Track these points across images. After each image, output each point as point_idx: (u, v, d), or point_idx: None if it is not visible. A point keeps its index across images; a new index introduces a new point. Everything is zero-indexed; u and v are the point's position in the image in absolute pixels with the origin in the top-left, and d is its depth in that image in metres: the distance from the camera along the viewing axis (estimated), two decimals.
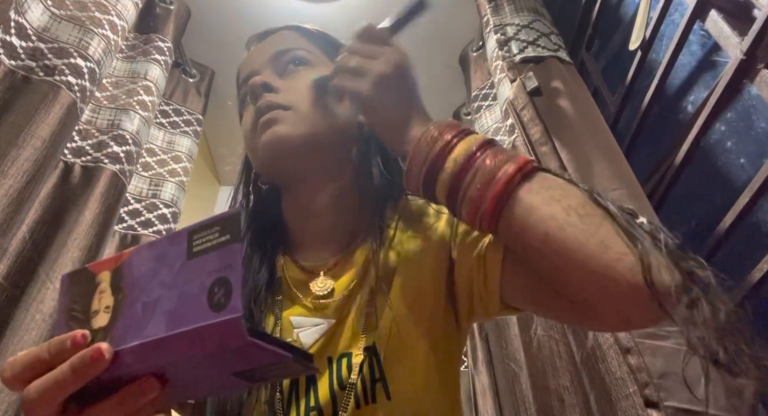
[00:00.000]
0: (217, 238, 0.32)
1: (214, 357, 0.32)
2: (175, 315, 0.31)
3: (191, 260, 0.32)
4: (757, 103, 0.82)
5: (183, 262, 0.33)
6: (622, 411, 0.70)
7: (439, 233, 0.60)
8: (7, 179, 0.85)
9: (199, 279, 0.31)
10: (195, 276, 0.32)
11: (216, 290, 0.30)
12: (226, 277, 0.30)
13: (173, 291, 0.32)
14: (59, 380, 0.32)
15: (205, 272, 0.31)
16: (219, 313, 0.30)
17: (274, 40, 0.70)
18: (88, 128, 1.22)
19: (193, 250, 0.33)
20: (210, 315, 0.30)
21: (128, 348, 0.32)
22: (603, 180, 0.93)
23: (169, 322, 0.31)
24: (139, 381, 0.33)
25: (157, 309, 0.32)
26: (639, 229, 0.42)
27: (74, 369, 0.32)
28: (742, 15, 0.84)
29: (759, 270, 0.76)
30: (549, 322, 1.04)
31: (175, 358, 0.32)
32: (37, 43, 0.99)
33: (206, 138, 2.21)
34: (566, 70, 1.20)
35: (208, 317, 0.30)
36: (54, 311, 0.94)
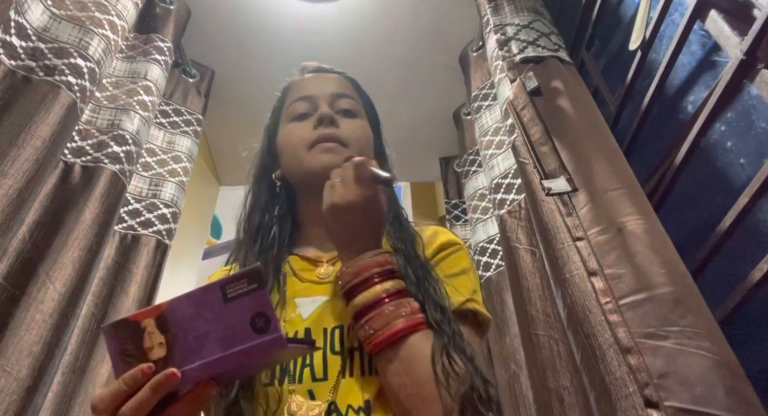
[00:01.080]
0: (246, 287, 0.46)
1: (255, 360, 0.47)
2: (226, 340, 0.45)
3: (227, 304, 0.46)
4: (757, 103, 0.82)
5: (221, 306, 0.46)
6: (622, 411, 0.70)
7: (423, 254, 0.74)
8: (7, 179, 0.85)
9: (239, 316, 0.45)
10: (235, 314, 0.45)
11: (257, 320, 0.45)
12: (263, 311, 0.45)
13: (219, 325, 0.46)
14: (143, 400, 0.44)
15: (244, 310, 0.45)
16: (264, 335, 0.45)
17: (333, 80, 0.86)
18: (88, 128, 1.22)
19: (228, 296, 0.46)
20: (257, 337, 0.45)
21: (193, 367, 0.45)
22: (603, 180, 0.93)
23: (222, 346, 0.45)
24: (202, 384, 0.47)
25: (208, 339, 0.45)
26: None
27: (154, 390, 0.44)
28: (742, 15, 0.84)
29: (759, 270, 0.76)
30: (549, 322, 1.04)
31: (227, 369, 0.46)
32: (37, 43, 0.99)
33: (206, 138, 2.21)
34: (566, 70, 1.20)
35: (256, 338, 0.45)
36: (54, 311, 0.94)
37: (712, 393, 0.65)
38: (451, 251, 0.74)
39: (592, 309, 0.80)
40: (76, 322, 1.05)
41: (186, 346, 0.46)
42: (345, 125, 0.79)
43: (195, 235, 2.13)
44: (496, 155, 1.44)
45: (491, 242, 1.51)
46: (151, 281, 1.30)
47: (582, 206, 0.92)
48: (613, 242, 0.84)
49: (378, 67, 1.91)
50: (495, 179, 1.39)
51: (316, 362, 0.63)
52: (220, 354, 0.45)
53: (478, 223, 1.61)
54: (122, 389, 0.45)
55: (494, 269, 1.44)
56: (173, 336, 0.46)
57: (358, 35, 1.79)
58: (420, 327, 0.59)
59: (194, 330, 0.46)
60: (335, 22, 1.75)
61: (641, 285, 0.77)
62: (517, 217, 1.25)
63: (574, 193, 0.94)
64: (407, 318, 0.59)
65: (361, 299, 0.60)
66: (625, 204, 0.88)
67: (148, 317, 0.47)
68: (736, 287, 0.80)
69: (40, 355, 0.90)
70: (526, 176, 1.07)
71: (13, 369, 0.86)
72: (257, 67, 1.88)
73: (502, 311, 1.32)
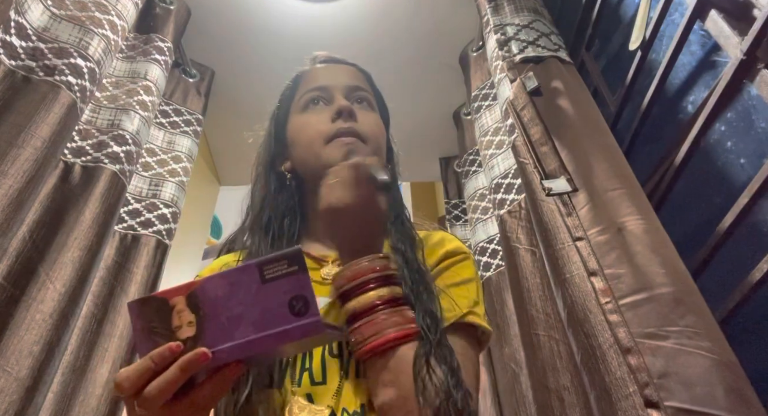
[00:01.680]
0: (286, 268, 0.45)
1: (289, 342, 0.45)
2: (262, 322, 0.44)
3: (265, 284, 0.45)
4: (757, 103, 0.82)
5: (258, 286, 0.45)
6: (622, 411, 0.70)
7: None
8: (7, 179, 0.85)
9: (276, 297, 0.44)
10: (273, 296, 0.44)
11: (295, 303, 0.44)
12: (303, 294, 0.44)
13: (255, 307, 0.44)
14: (171, 378, 0.43)
15: (282, 292, 0.44)
16: (302, 318, 0.43)
17: (348, 72, 0.84)
18: (88, 128, 1.22)
19: (266, 277, 0.45)
20: (295, 320, 0.43)
21: (225, 348, 0.44)
22: (603, 180, 0.93)
23: (257, 327, 0.44)
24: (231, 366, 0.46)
25: (242, 319, 0.44)
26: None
27: (182, 369, 0.43)
28: (742, 15, 0.84)
29: (759, 270, 0.76)
30: (549, 322, 1.04)
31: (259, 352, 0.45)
32: (37, 43, 0.99)
33: (206, 138, 2.21)
34: (566, 70, 1.20)
35: (293, 321, 0.43)
36: (54, 311, 0.94)
37: (712, 393, 0.65)
38: (456, 260, 0.72)
39: (592, 309, 0.80)
40: (76, 322, 1.05)
41: (218, 326, 0.44)
42: (362, 119, 0.76)
43: (195, 235, 2.13)
44: (496, 155, 1.44)
45: (491, 242, 1.51)
46: (151, 281, 1.30)
47: (582, 206, 0.92)
48: (613, 242, 0.84)
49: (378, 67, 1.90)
50: (495, 179, 1.39)
51: (314, 365, 0.63)
52: (254, 335, 0.43)
53: (478, 223, 1.61)
54: (149, 367, 0.44)
55: (494, 269, 1.44)
56: (204, 315, 0.45)
57: (358, 35, 1.79)
58: (412, 338, 0.58)
59: (227, 311, 0.44)
60: (335, 22, 1.75)
61: (641, 285, 0.77)
62: (517, 217, 1.25)
63: (574, 193, 0.94)
64: (399, 328, 0.57)
65: (354, 304, 0.59)
66: (625, 204, 0.88)
67: (178, 294, 0.46)
68: (736, 287, 0.80)
69: (40, 355, 0.90)
70: (526, 176, 1.07)
71: (13, 369, 0.86)
72: (257, 67, 1.87)
73: (502, 311, 1.32)
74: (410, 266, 0.66)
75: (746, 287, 0.77)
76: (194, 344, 0.44)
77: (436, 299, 0.64)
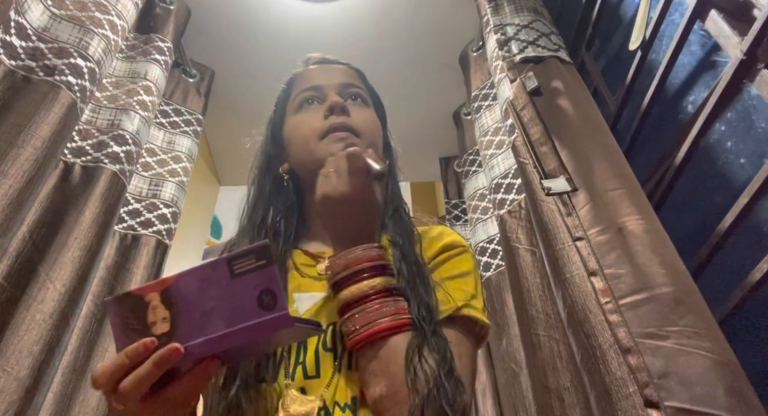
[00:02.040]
0: (255, 263, 0.45)
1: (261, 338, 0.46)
2: (232, 316, 0.44)
3: (234, 279, 0.45)
4: (757, 103, 0.82)
5: (228, 281, 0.45)
6: (622, 411, 0.70)
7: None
8: (7, 179, 0.85)
9: (246, 292, 0.44)
10: (242, 290, 0.44)
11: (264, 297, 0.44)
12: (271, 288, 0.44)
13: (226, 301, 0.45)
14: (145, 374, 0.44)
15: (251, 287, 0.44)
16: (271, 312, 0.43)
17: (340, 71, 0.85)
18: (88, 128, 1.22)
19: (235, 272, 0.45)
20: (264, 313, 0.43)
21: (197, 343, 0.44)
22: (603, 180, 0.93)
23: (228, 322, 0.44)
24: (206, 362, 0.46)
25: (213, 314, 0.45)
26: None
27: (156, 364, 0.44)
28: (742, 15, 0.84)
29: (759, 270, 0.76)
30: (549, 322, 1.04)
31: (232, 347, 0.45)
32: (37, 43, 0.99)
33: (206, 138, 2.21)
34: (566, 70, 1.20)
35: (263, 315, 0.43)
36: (54, 311, 0.94)
37: (712, 393, 0.65)
38: (454, 253, 0.72)
39: (592, 309, 0.80)
40: (76, 322, 1.05)
41: (190, 321, 0.45)
42: (356, 114, 0.77)
43: (195, 235, 2.13)
44: (496, 155, 1.44)
45: (491, 242, 1.51)
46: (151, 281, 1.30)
47: (582, 206, 0.92)
48: (613, 242, 0.84)
49: (378, 67, 1.90)
50: (495, 179, 1.39)
51: (308, 359, 0.63)
52: (225, 330, 0.44)
53: (478, 223, 1.61)
54: (124, 362, 0.44)
55: (494, 269, 1.44)
56: (178, 311, 0.45)
57: (358, 35, 1.79)
58: (404, 328, 0.58)
59: (199, 306, 0.45)
60: (335, 22, 1.75)
61: (641, 285, 0.77)
62: (517, 217, 1.25)
63: (574, 193, 0.94)
64: (392, 318, 0.58)
65: (347, 293, 0.59)
66: (625, 204, 0.88)
67: (153, 291, 0.47)
68: (736, 287, 0.80)
69: (40, 355, 0.90)
70: (526, 176, 1.07)
71: (13, 369, 0.86)
72: (257, 67, 1.87)
73: (502, 311, 1.32)
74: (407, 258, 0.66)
75: (746, 287, 0.77)
76: (168, 339, 0.44)
77: (432, 291, 0.63)
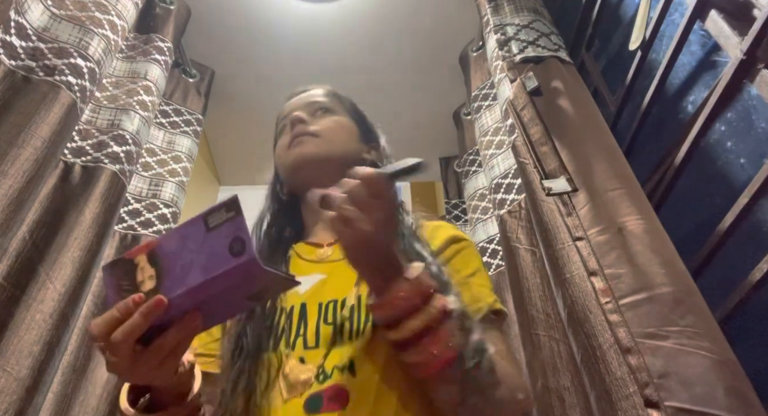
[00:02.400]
0: (225, 215, 0.48)
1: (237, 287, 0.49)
2: (208, 266, 0.47)
3: (209, 232, 0.48)
4: (757, 103, 0.82)
5: (204, 234, 0.48)
6: (622, 411, 0.70)
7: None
8: (7, 179, 0.85)
9: (219, 242, 0.47)
10: (216, 241, 0.47)
11: (234, 245, 0.47)
12: (240, 236, 0.47)
13: (202, 253, 0.48)
14: (134, 325, 0.47)
15: (223, 237, 0.47)
16: (240, 257, 0.46)
17: (308, 95, 0.94)
18: (88, 128, 1.22)
19: (209, 226, 0.48)
20: (234, 260, 0.46)
21: (178, 294, 0.47)
22: (603, 180, 0.93)
23: (204, 271, 0.47)
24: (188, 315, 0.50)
25: (192, 266, 0.47)
26: None
27: (143, 315, 0.47)
28: (742, 15, 0.84)
29: (759, 270, 0.76)
30: (549, 322, 1.04)
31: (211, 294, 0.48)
32: (37, 43, 0.99)
33: (206, 138, 2.21)
34: (566, 70, 1.20)
35: (233, 261, 0.46)
36: (54, 311, 0.94)
37: (712, 393, 0.65)
38: (461, 246, 0.75)
39: (592, 309, 0.80)
40: (76, 322, 1.04)
41: (173, 276, 0.48)
42: (318, 121, 0.86)
43: None
44: (496, 155, 1.44)
45: (491, 242, 1.51)
46: None
47: (582, 206, 0.92)
48: (613, 242, 0.84)
49: (378, 67, 1.91)
50: (495, 179, 1.39)
51: (309, 332, 0.68)
52: (202, 279, 0.47)
53: (478, 223, 1.61)
54: (115, 316, 0.48)
55: (494, 269, 1.44)
56: (162, 268, 0.49)
57: (358, 35, 1.79)
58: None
59: (180, 260, 0.48)
60: (335, 22, 1.75)
61: (641, 285, 0.77)
62: (517, 217, 1.25)
63: (574, 193, 0.94)
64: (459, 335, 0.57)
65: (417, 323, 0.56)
66: (625, 204, 0.88)
67: (141, 253, 0.51)
68: (736, 287, 0.80)
69: (40, 355, 0.90)
70: (526, 176, 1.07)
71: (13, 369, 0.86)
72: (257, 67, 1.87)
73: None
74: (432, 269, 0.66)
75: (746, 287, 0.77)
76: (155, 294, 0.48)
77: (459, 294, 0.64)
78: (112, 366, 0.50)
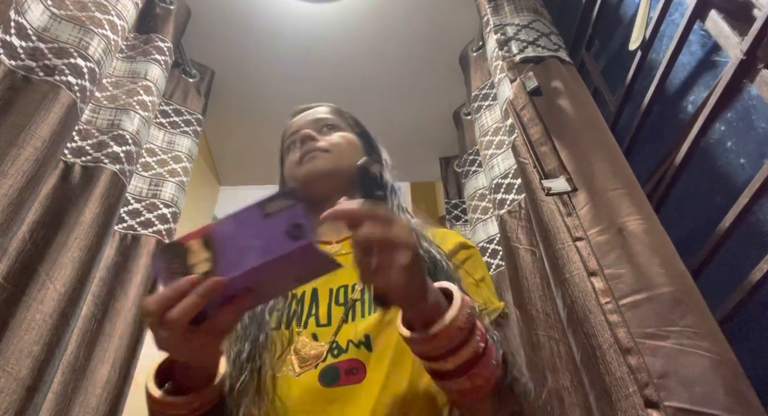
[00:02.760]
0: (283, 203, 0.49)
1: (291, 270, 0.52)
2: (267, 249, 0.48)
3: (266, 219, 0.49)
4: (757, 103, 0.82)
5: (261, 221, 0.49)
6: (622, 411, 0.70)
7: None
8: (7, 179, 0.85)
9: (277, 228, 0.49)
10: (274, 226, 0.49)
11: (292, 230, 0.48)
12: (299, 222, 0.48)
13: (259, 238, 0.49)
14: (191, 303, 0.48)
15: (282, 223, 0.49)
16: (299, 241, 0.48)
17: (314, 112, 0.99)
18: (88, 128, 1.22)
19: (266, 212, 0.50)
20: (293, 243, 0.48)
21: (236, 275, 0.49)
22: (603, 180, 0.93)
23: (263, 253, 0.48)
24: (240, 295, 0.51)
25: (250, 251, 0.49)
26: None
27: (201, 295, 0.48)
28: (742, 15, 0.84)
29: (759, 270, 0.76)
30: (549, 322, 1.04)
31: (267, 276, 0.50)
32: (37, 43, 0.99)
33: (206, 138, 2.21)
34: (566, 70, 1.20)
35: (294, 245, 0.48)
36: (54, 311, 0.94)
37: (712, 393, 0.65)
38: (470, 253, 0.80)
39: (592, 309, 0.80)
40: (76, 322, 1.04)
41: (229, 259, 0.50)
42: (326, 138, 0.91)
43: None
44: (496, 155, 1.44)
45: (491, 242, 1.51)
46: (151, 281, 1.30)
47: (582, 206, 0.92)
48: (613, 242, 0.84)
49: (378, 67, 1.91)
50: (495, 179, 1.39)
51: (321, 312, 0.72)
52: (261, 260, 0.48)
53: (478, 223, 1.61)
54: (170, 295, 0.49)
55: (494, 269, 1.44)
56: (217, 251, 0.50)
57: (358, 35, 1.79)
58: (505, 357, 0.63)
59: (237, 245, 0.50)
60: (335, 22, 1.75)
61: (641, 285, 0.77)
62: (517, 217, 1.25)
63: (574, 193, 0.94)
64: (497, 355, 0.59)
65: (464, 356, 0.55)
66: (625, 204, 0.88)
67: (194, 238, 0.52)
68: (736, 287, 0.80)
69: (40, 355, 0.90)
70: (526, 176, 1.07)
71: (13, 369, 0.86)
72: (257, 67, 1.87)
73: None
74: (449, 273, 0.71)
75: (746, 287, 0.77)
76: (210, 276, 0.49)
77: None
78: (164, 342, 0.51)
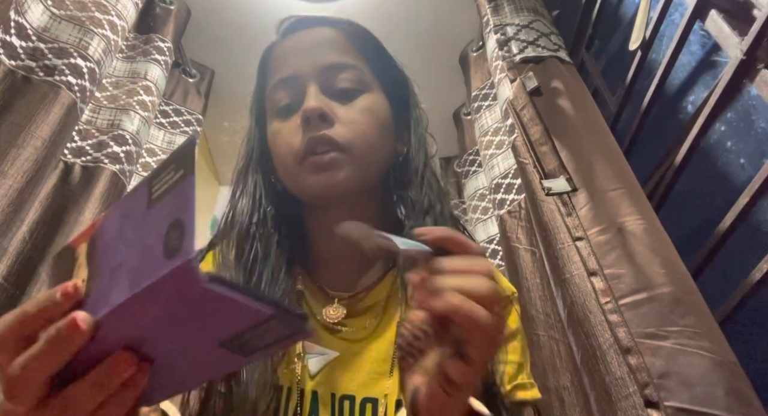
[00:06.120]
0: (172, 177, 0.27)
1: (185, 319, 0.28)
2: (138, 273, 0.27)
3: (151, 208, 0.28)
4: (757, 103, 0.82)
5: (144, 213, 0.28)
6: (622, 411, 0.70)
7: None
8: (7, 179, 0.85)
9: (157, 228, 0.27)
10: (154, 225, 0.27)
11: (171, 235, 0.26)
12: (180, 218, 0.26)
13: (137, 248, 0.28)
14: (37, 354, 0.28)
15: (163, 218, 0.27)
16: (172, 260, 0.25)
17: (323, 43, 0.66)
18: (88, 128, 1.22)
19: (153, 197, 0.28)
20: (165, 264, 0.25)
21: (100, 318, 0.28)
22: (603, 180, 0.93)
23: (131, 283, 0.27)
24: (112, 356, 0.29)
25: (122, 272, 0.28)
26: None
27: (50, 342, 0.28)
28: (742, 15, 0.84)
29: (759, 270, 0.76)
30: (549, 322, 1.04)
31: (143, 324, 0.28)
32: (37, 43, 0.99)
33: (206, 138, 2.21)
34: (566, 70, 1.20)
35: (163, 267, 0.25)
36: None
37: (712, 393, 0.65)
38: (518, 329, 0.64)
39: (592, 309, 0.80)
40: None
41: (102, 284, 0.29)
42: (343, 115, 0.60)
43: None
44: (496, 155, 1.44)
45: (491, 242, 1.51)
46: None
47: (582, 206, 0.92)
48: (613, 242, 0.84)
49: None
50: (495, 179, 1.39)
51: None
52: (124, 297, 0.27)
53: (478, 223, 1.61)
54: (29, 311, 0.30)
55: None
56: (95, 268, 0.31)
57: None
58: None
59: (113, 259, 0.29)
60: None
61: (641, 285, 0.77)
62: (517, 217, 1.25)
63: (574, 193, 0.94)
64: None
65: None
66: (625, 204, 0.88)
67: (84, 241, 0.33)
68: (736, 287, 0.80)
69: None
70: (526, 176, 1.07)
71: None
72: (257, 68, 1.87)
73: None
74: None
75: (746, 287, 0.77)
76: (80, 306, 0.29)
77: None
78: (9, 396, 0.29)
